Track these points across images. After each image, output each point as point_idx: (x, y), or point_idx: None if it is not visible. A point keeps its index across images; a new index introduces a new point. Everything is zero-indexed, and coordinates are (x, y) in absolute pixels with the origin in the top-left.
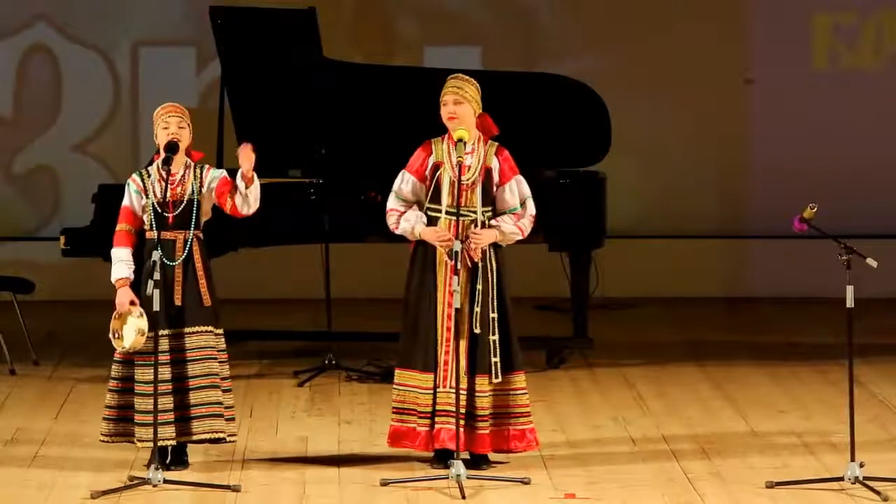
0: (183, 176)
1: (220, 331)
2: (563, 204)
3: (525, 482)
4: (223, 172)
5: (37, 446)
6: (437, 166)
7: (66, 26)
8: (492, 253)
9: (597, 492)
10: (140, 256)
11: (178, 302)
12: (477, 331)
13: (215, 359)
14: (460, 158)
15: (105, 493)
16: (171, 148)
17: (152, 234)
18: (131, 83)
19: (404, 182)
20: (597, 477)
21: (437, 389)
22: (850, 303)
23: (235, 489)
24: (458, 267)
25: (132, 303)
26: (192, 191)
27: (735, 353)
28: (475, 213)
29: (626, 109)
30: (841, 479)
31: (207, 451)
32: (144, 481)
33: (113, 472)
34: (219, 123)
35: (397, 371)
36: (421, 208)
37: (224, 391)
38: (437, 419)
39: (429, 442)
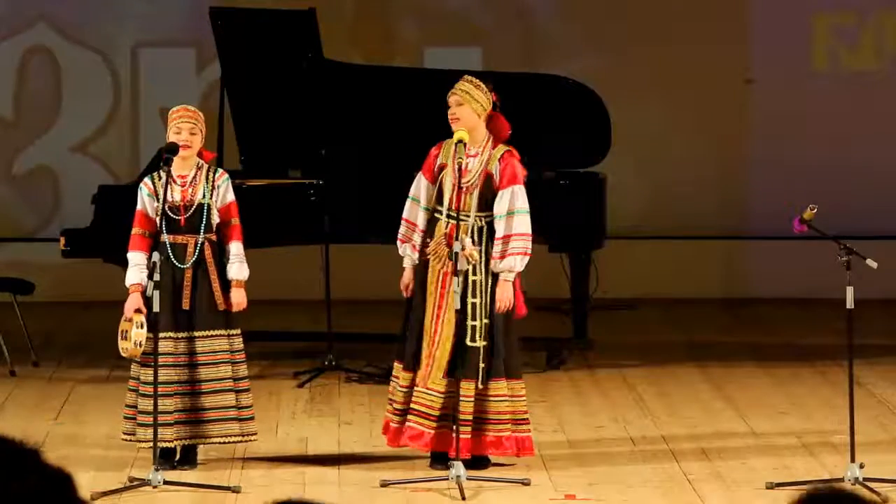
0: (194, 178)
1: (237, 331)
2: (563, 204)
3: (525, 483)
4: (231, 197)
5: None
6: (441, 167)
7: (67, 27)
8: (484, 263)
9: (597, 492)
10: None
11: (185, 306)
12: (474, 343)
13: (229, 362)
14: (460, 160)
15: (105, 493)
16: (172, 150)
17: (164, 238)
18: (131, 83)
19: (420, 186)
20: (597, 477)
21: (415, 388)
22: (850, 303)
23: (235, 490)
24: (459, 268)
25: (138, 311)
26: (204, 194)
27: (735, 354)
28: (469, 217)
29: (626, 109)
30: (841, 479)
31: (208, 451)
32: (144, 482)
33: (113, 472)
34: (219, 124)
35: (394, 364)
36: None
37: (241, 391)
38: (408, 417)
39: (397, 438)
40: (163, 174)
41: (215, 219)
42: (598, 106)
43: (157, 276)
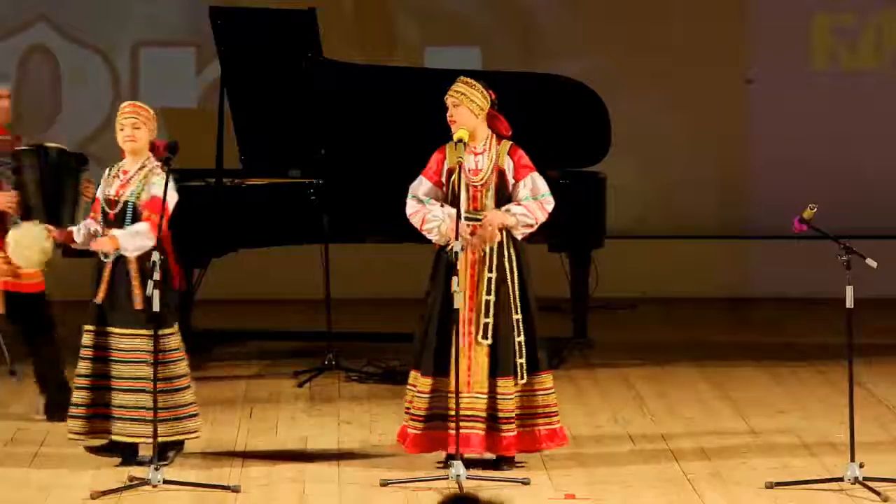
0: (134, 175)
1: (168, 330)
2: (563, 204)
3: (525, 482)
4: (156, 192)
5: (36, 447)
6: (451, 171)
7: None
8: (513, 254)
9: (597, 492)
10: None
11: (98, 300)
12: (486, 340)
13: (145, 362)
14: (460, 159)
15: (105, 493)
16: (172, 148)
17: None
18: (131, 83)
19: (421, 185)
20: (597, 477)
21: (462, 394)
22: (849, 303)
23: (235, 489)
24: (458, 268)
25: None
26: (132, 193)
27: (735, 353)
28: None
29: (626, 109)
30: (841, 479)
31: (207, 449)
32: (144, 481)
33: (113, 472)
34: (219, 123)
35: (428, 378)
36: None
37: (166, 392)
38: (463, 424)
39: (452, 444)
40: (119, 165)
41: (140, 218)
42: (598, 106)
43: (157, 275)
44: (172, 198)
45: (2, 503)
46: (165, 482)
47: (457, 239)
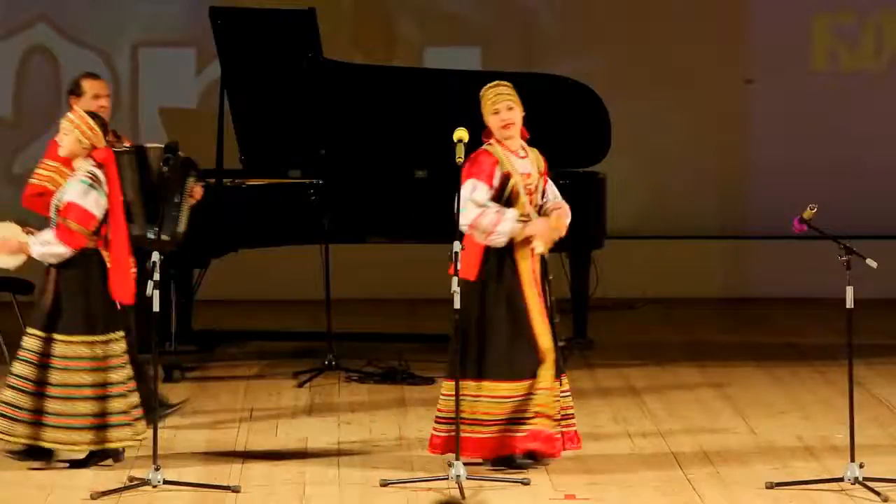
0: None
1: (110, 336)
2: None
3: (525, 483)
4: (70, 198)
5: None
6: (506, 176)
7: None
8: (545, 259)
9: (597, 492)
10: None
11: (45, 306)
12: (561, 343)
13: (31, 363)
14: (459, 159)
15: (105, 493)
16: (171, 148)
17: None
18: (131, 83)
19: (477, 190)
20: (597, 477)
21: (536, 393)
22: (849, 303)
23: (235, 490)
24: (458, 267)
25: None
26: (57, 197)
27: (735, 354)
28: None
29: (626, 109)
30: (841, 479)
31: (206, 451)
32: (144, 482)
33: (113, 472)
34: (219, 124)
35: (502, 382)
36: None
37: (63, 398)
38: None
39: (518, 446)
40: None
41: None
42: (598, 106)
43: (156, 276)
44: (84, 198)
45: (2, 503)
46: (165, 482)
47: (458, 240)
